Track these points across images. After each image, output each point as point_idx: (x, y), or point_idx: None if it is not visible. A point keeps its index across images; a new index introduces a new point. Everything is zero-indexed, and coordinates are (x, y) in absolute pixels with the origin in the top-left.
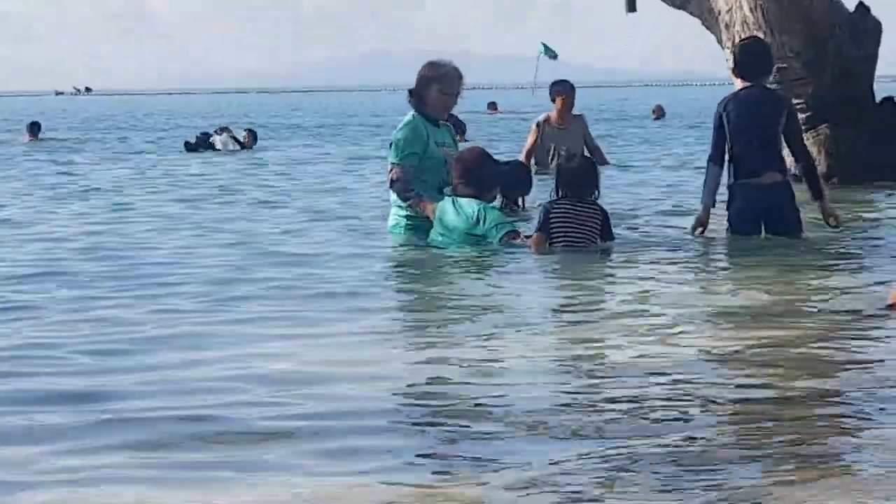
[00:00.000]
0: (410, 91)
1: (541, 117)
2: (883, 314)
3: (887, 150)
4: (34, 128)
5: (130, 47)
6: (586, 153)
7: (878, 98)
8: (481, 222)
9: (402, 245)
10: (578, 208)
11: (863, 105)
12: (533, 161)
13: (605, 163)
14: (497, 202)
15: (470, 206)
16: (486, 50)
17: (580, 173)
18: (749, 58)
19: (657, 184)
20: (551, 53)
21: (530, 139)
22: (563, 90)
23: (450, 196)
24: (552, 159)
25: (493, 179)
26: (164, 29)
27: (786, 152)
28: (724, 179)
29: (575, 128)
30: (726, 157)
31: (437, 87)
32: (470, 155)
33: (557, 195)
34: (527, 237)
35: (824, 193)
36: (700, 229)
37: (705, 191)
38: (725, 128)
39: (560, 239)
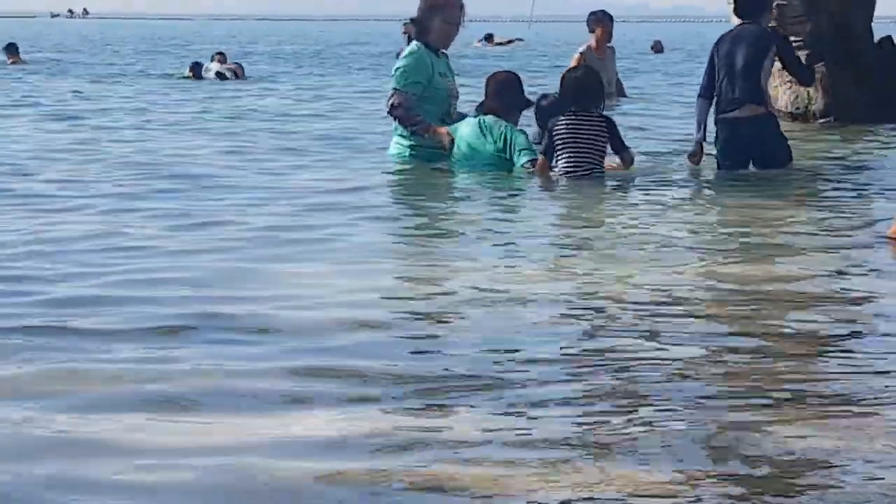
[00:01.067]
0: (412, 20)
1: (582, 47)
2: (880, 244)
3: (884, 90)
4: (11, 48)
5: None
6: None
7: (876, 37)
8: (508, 143)
9: (405, 170)
10: (583, 122)
11: (861, 44)
12: None
13: (624, 95)
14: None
15: (498, 125)
16: None
17: (585, 83)
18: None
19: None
20: None
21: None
22: (602, 19)
23: (475, 116)
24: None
25: (520, 103)
26: None
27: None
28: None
29: (610, 58)
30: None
31: (440, 16)
32: (504, 74)
33: (561, 107)
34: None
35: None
36: (695, 160)
37: (695, 124)
38: (715, 63)
39: (565, 156)
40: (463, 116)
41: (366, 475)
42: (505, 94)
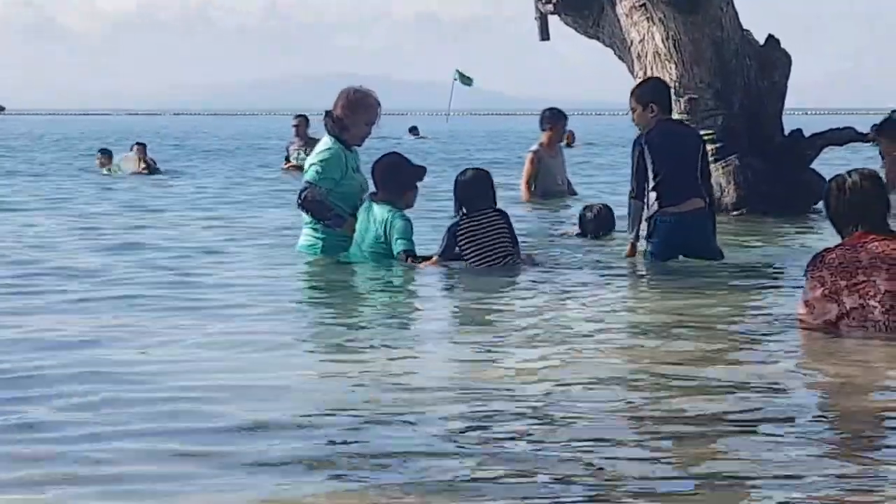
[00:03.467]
0: (328, 113)
1: (534, 146)
2: (783, 329)
3: (795, 182)
4: None
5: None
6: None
7: (786, 130)
8: (389, 228)
9: (316, 263)
10: (485, 220)
11: (772, 137)
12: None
13: (574, 193)
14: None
15: (382, 211)
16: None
17: (477, 184)
18: (664, 93)
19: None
20: (466, 80)
21: (528, 169)
22: (556, 118)
23: (369, 203)
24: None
25: (410, 179)
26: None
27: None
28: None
29: (560, 156)
30: (647, 189)
31: (360, 117)
32: (386, 158)
33: (457, 212)
34: (423, 259)
35: (715, 232)
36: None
37: (631, 226)
38: (647, 161)
39: (477, 257)
40: None
41: None
42: (390, 179)
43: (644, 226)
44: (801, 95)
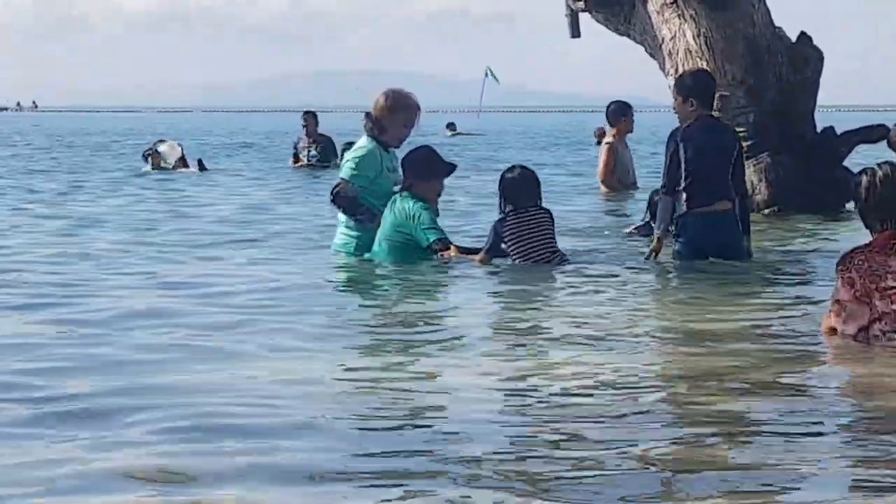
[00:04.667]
0: (367, 115)
1: (608, 139)
2: (813, 338)
3: (827, 179)
4: None
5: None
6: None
7: (819, 127)
8: (414, 220)
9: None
10: (530, 218)
11: (803, 134)
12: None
13: (636, 186)
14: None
15: (405, 201)
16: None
17: (524, 182)
18: (703, 87)
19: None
20: (496, 78)
21: (606, 160)
22: (626, 111)
23: (394, 197)
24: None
25: (437, 173)
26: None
27: None
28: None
29: (629, 150)
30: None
31: (399, 118)
32: (415, 152)
33: (502, 209)
34: (466, 251)
35: (750, 230)
36: (654, 255)
37: (659, 221)
38: (681, 158)
39: (522, 255)
40: None
41: None
42: (419, 171)
43: (672, 225)
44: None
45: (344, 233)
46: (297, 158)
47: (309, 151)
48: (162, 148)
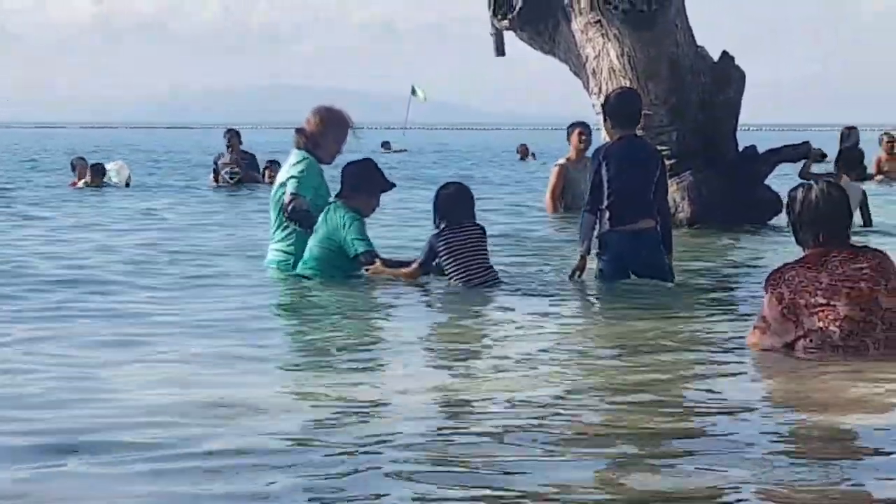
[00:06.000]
0: (302, 131)
1: (560, 160)
2: (739, 353)
3: (749, 198)
4: None
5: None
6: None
7: (740, 147)
8: (344, 228)
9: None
10: (464, 234)
11: (726, 152)
12: (560, 204)
13: None
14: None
15: (339, 211)
16: (356, 85)
17: (459, 198)
18: (625, 108)
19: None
20: (416, 94)
21: (555, 182)
22: (572, 129)
23: (331, 204)
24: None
25: (372, 186)
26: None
27: None
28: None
29: (586, 170)
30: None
31: (332, 134)
32: (359, 163)
33: (436, 224)
34: (395, 264)
35: (671, 249)
36: (578, 273)
37: (582, 239)
38: (603, 177)
39: (457, 270)
40: None
41: None
42: (358, 182)
43: (595, 243)
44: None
45: (281, 249)
46: (216, 175)
47: (232, 169)
48: (110, 167)
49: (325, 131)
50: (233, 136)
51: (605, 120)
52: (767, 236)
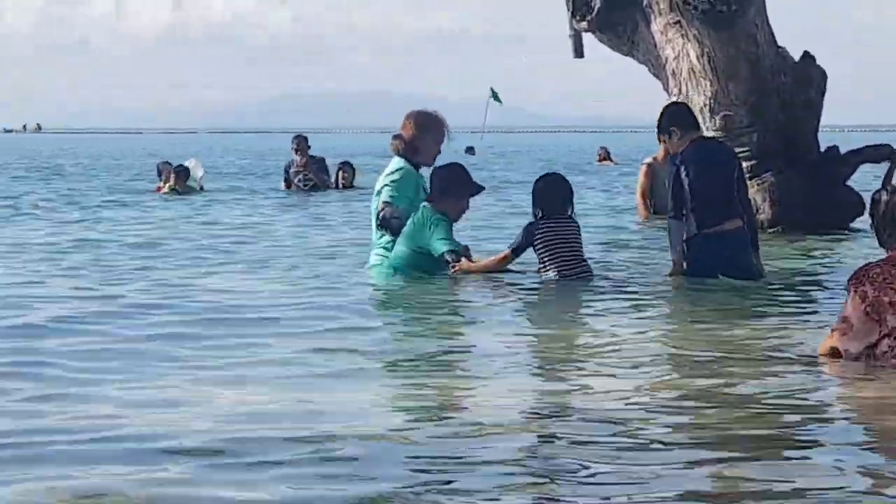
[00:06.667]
0: (396, 137)
1: (648, 158)
2: (812, 359)
3: (830, 199)
4: None
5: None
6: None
7: (822, 147)
8: (430, 229)
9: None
10: (561, 227)
11: (807, 153)
12: (651, 204)
13: None
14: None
15: (427, 212)
16: (414, 90)
17: (558, 188)
18: (686, 114)
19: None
20: (499, 99)
21: (643, 181)
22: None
23: (422, 206)
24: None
25: (461, 191)
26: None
27: None
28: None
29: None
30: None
31: (429, 137)
32: (448, 167)
33: (534, 214)
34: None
35: (758, 247)
36: (676, 281)
37: (672, 247)
38: (685, 182)
39: (552, 261)
40: None
41: None
42: (443, 185)
43: (683, 247)
44: (836, 113)
45: (381, 253)
46: (288, 183)
47: (304, 175)
48: (189, 164)
49: (423, 135)
50: (301, 141)
51: (667, 136)
52: (849, 238)
